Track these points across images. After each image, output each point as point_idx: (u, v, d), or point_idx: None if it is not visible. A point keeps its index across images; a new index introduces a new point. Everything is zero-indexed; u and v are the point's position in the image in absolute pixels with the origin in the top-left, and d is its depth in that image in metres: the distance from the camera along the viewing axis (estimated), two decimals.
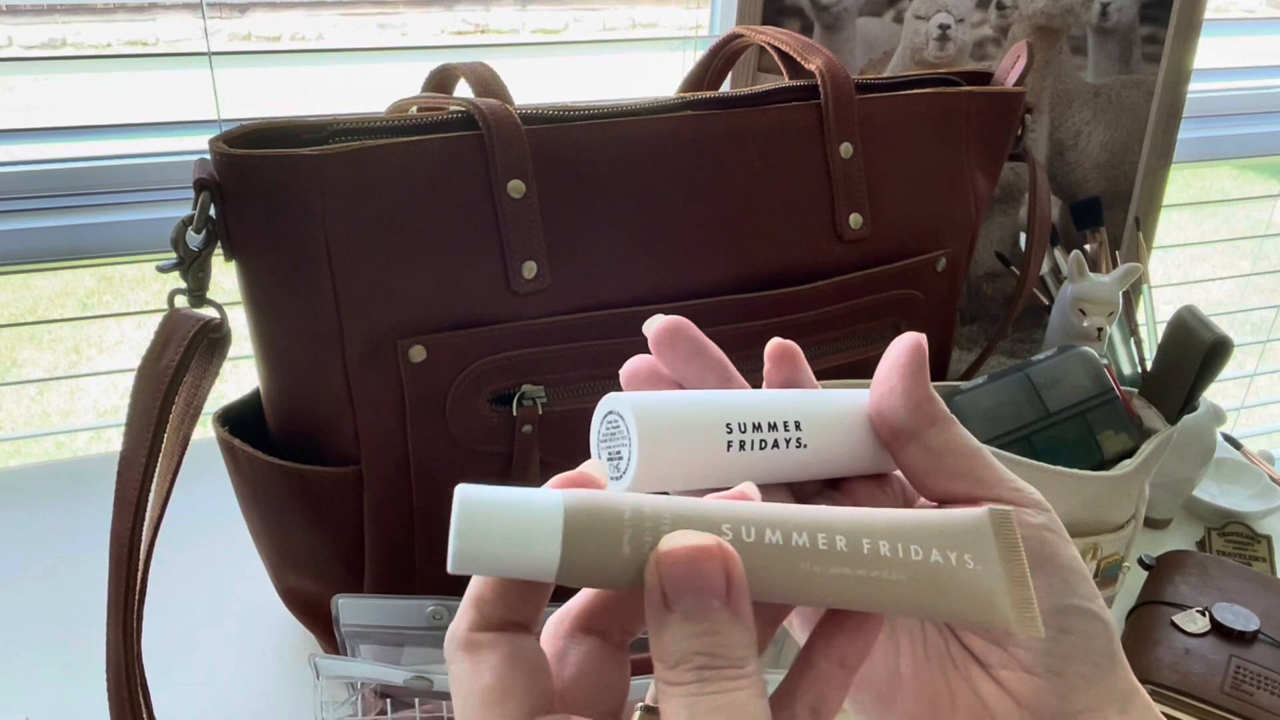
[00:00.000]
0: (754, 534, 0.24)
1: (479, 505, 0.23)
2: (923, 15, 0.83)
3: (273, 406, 0.55)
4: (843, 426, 0.31)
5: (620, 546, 0.23)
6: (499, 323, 0.53)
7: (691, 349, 0.31)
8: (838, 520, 0.25)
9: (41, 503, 0.78)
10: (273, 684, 0.63)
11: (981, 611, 0.25)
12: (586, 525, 0.23)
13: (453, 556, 0.23)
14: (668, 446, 0.28)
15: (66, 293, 2.76)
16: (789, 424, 0.30)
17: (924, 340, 0.30)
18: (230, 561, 0.69)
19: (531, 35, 2.57)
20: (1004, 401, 0.61)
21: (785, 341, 0.32)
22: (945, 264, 0.67)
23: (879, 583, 0.24)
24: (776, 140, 0.59)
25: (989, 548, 0.25)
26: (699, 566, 0.23)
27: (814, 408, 0.30)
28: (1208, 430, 0.78)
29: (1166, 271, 2.69)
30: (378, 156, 0.50)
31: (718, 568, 0.23)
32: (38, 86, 2.44)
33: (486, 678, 0.24)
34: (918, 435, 0.30)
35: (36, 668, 0.63)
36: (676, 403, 0.29)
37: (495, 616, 0.25)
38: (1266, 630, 0.62)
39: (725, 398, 0.30)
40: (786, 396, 0.31)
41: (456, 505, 0.23)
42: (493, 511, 0.23)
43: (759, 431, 0.29)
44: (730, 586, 0.23)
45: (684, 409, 0.29)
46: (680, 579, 0.22)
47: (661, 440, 0.28)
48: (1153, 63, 0.90)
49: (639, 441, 0.28)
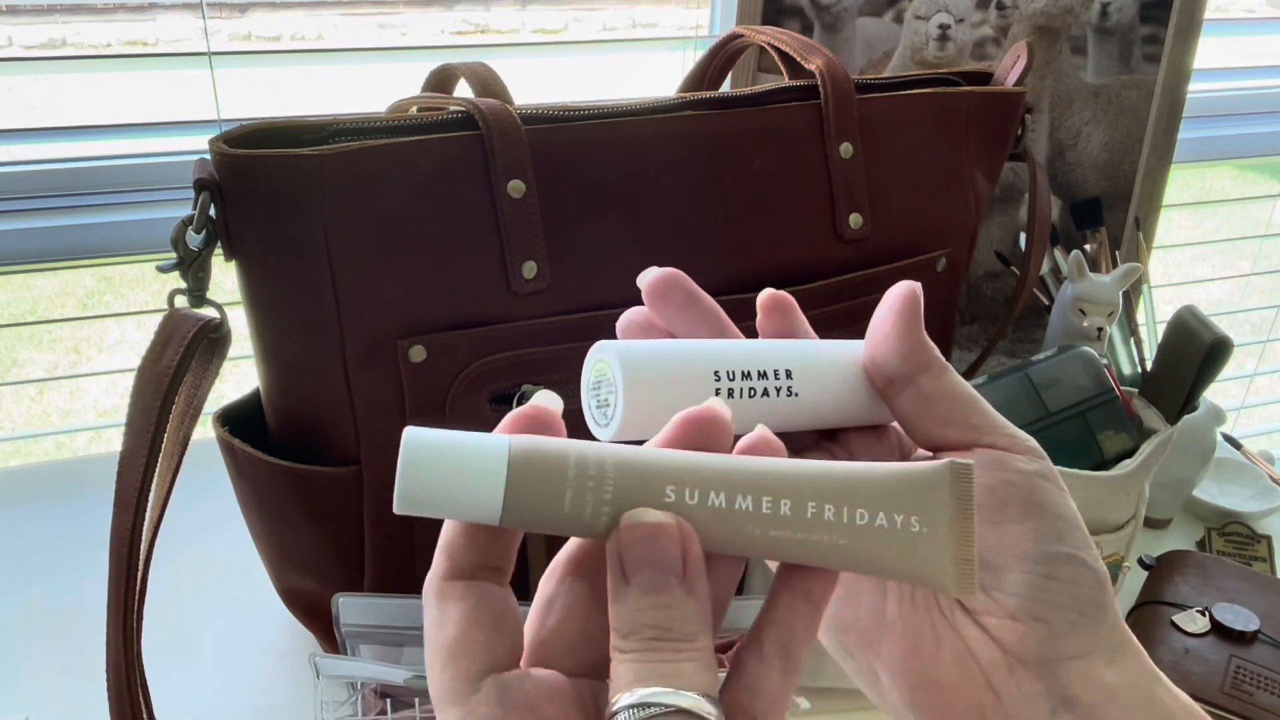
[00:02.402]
0: (697, 497, 0.24)
1: (425, 447, 0.23)
2: (923, 15, 0.83)
3: (273, 406, 0.55)
4: (836, 376, 0.31)
5: (563, 495, 0.24)
6: (499, 323, 0.53)
7: (684, 299, 0.31)
8: (787, 480, 0.25)
9: (41, 503, 0.78)
10: (273, 684, 0.63)
11: (920, 573, 0.25)
12: (530, 471, 0.23)
13: (397, 496, 0.23)
14: (654, 394, 0.28)
15: (66, 293, 2.76)
16: (780, 372, 0.30)
17: (918, 288, 0.30)
18: (230, 561, 0.69)
19: (531, 35, 2.57)
20: (1004, 401, 0.61)
21: (777, 291, 0.32)
22: (945, 264, 0.67)
23: (820, 545, 0.25)
24: (776, 140, 0.59)
25: (941, 505, 0.25)
26: (658, 544, 0.23)
27: (806, 357, 0.30)
28: (1208, 430, 0.78)
29: (1166, 271, 2.69)
30: (378, 156, 0.50)
31: (675, 546, 0.23)
32: (38, 86, 2.44)
33: (449, 630, 0.24)
34: (911, 381, 0.30)
35: (36, 668, 0.63)
36: (664, 350, 0.29)
37: (466, 563, 0.25)
38: (1266, 630, 0.62)
39: (714, 346, 0.30)
40: (778, 345, 0.30)
41: (403, 446, 0.23)
42: (438, 453, 0.23)
43: (748, 380, 0.29)
44: (687, 564, 0.23)
45: (671, 356, 0.29)
46: (640, 555, 0.23)
47: (647, 388, 0.28)
48: (1153, 63, 0.90)
49: (625, 389, 0.28)
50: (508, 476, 0.23)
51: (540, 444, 0.24)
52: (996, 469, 0.29)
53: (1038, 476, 0.29)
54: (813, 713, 0.54)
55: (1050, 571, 0.28)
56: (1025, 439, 0.30)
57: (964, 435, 0.29)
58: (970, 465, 0.25)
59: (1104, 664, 0.28)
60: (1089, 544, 0.29)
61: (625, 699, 0.22)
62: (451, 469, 0.23)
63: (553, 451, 0.24)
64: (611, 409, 0.28)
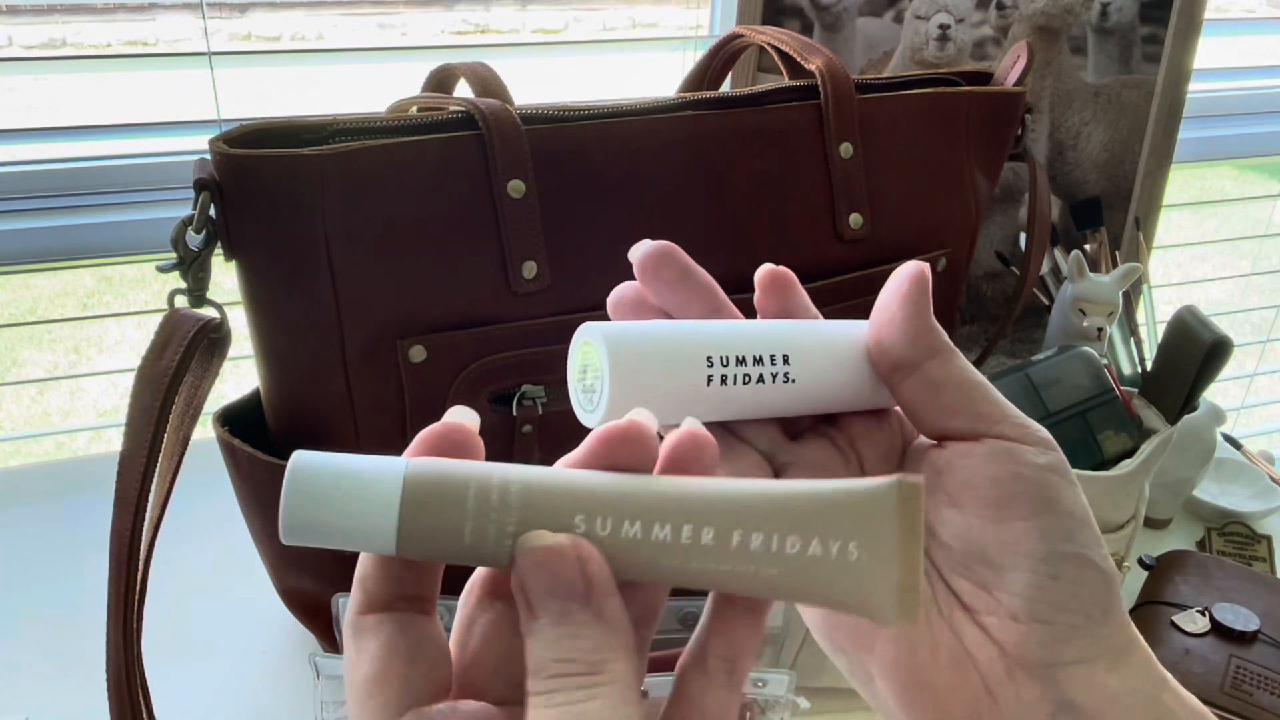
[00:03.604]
0: (609, 527, 0.22)
1: (314, 473, 0.22)
2: (923, 15, 0.83)
3: (273, 406, 0.55)
4: (836, 360, 0.29)
5: (463, 526, 0.22)
6: (499, 323, 0.53)
7: (677, 274, 0.29)
8: (711, 505, 0.22)
9: (41, 503, 0.78)
10: (273, 684, 0.63)
11: (857, 605, 0.23)
12: (426, 499, 0.22)
13: (282, 526, 0.21)
14: (642, 380, 0.26)
15: (66, 293, 2.76)
16: (776, 357, 0.28)
17: (926, 269, 0.29)
18: (230, 561, 0.69)
19: (531, 35, 2.58)
20: None
21: (777, 268, 0.30)
22: (945, 264, 0.67)
23: (747, 577, 0.22)
24: (776, 140, 0.59)
25: (885, 529, 0.22)
26: (552, 569, 0.21)
27: (805, 339, 0.29)
28: (1208, 430, 0.78)
29: (1166, 271, 2.69)
30: (378, 156, 0.50)
31: (572, 568, 0.22)
32: (38, 86, 2.44)
33: (365, 667, 0.23)
34: (918, 367, 0.28)
35: (36, 668, 0.63)
36: (654, 333, 0.27)
37: (381, 594, 0.23)
38: (1266, 630, 0.62)
39: (708, 328, 0.28)
40: (775, 327, 0.29)
41: (288, 472, 0.22)
42: (329, 480, 0.22)
43: (742, 365, 0.28)
44: (591, 587, 0.22)
45: (662, 340, 0.27)
46: (537, 584, 0.22)
47: (636, 373, 0.26)
48: (1153, 63, 0.90)
49: (611, 374, 0.26)
50: (401, 505, 0.21)
51: (441, 469, 0.22)
52: (1005, 461, 0.27)
53: (1049, 470, 0.27)
54: (812, 713, 0.54)
55: (1056, 571, 0.26)
56: (1036, 430, 0.28)
57: (971, 425, 0.28)
58: (920, 484, 0.23)
59: (1107, 669, 0.26)
60: (1098, 542, 0.27)
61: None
62: (342, 497, 0.22)
63: (452, 478, 0.22)
64: (598, 395, 0.27)
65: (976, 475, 0.28)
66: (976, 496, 0.28)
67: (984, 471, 0.28)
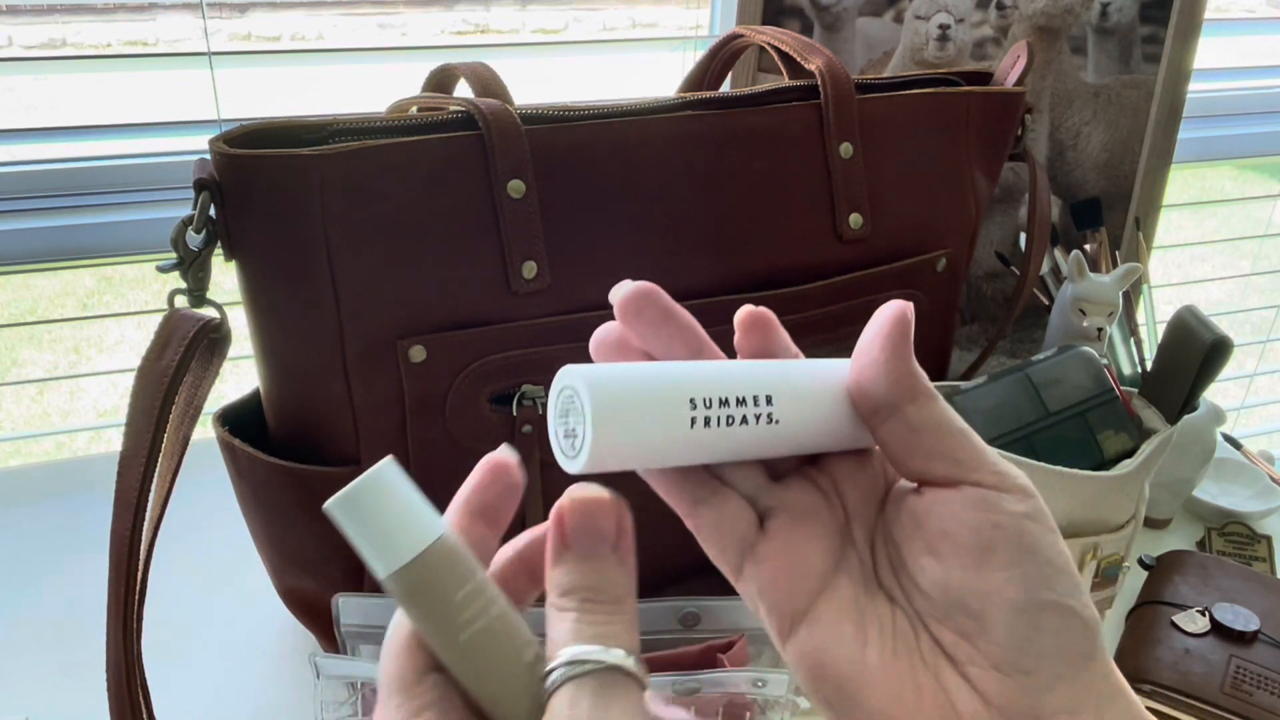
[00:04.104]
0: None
1: (389, 480, 0.25)
2: (923, 15, 0.83)
3: (273, 406, 0.55)
4: (820, 400, 0.29)
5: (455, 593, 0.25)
6: (499, 323, 0.53)
7: (659, 315, 0.30)
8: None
9: (41, 503, 0.78)
10: (273, 684, 0.63)
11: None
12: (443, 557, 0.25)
13: (339, 496, 0.25)
14: (624, 425, 0.27)
15: (66, 293, 2.76)
16: (759, 398, 0.28)
17: (909, 309, 0.29)
18: (230, 561, 0.69)
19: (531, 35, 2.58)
20: (1004, 401, 0.61)
21: (756, 308, 0.31)
22: (945, 264, 0.67)
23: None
24: (776, 140, 0.59)
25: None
26: (596, 515, 0.25)
27: (788, 380, 0.29)
28: (1208, 430, 0.78)
29: (1166, 271, 2.69)
30: (378, 156, 0.50)
31: (610, 519, 0.25)
32: (38, 86, 2.44)
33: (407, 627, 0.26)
34: (897, 410, 0.28)
35: (36, 668, 0.63)
36: (636, 376, 0.27)
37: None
38: (1266, 630, 0.62)
39: (690, 370, 0.28)
40: (758, 368, 0.29)
41: (376, 469, 0.25)
42: (394, 491, 0.25)
43: (726, 407, 0.28)
44: (619, 535, 0.26)
45: (644, 383, 0.27)
46: (579, 525, 0.25)
47: (618, 418, 0.26)
48: (1153, 63, 0.90)
49: (593, 419, 0.26)
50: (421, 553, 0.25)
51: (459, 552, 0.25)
52: (983, 509, 0.27)
53: (1027, 518, 0.27)
54: (812, 713, 0.54)
55: (1037, 621, 0.27)
56: (1015, 476, 0.28)
57: (949, 471, 0.28)
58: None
59: (1093, 717, 0.27)
60: (1078, 589, 0.27)
61: (562, 656, 0.24)
62: (393, 512, 0.25)
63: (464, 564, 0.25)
64: (580, 440, 0.27)
65: (954, 524, 0.28)
66: (955, 545, 0.28)
67: (962, 520, 0.28)
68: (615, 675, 0.24)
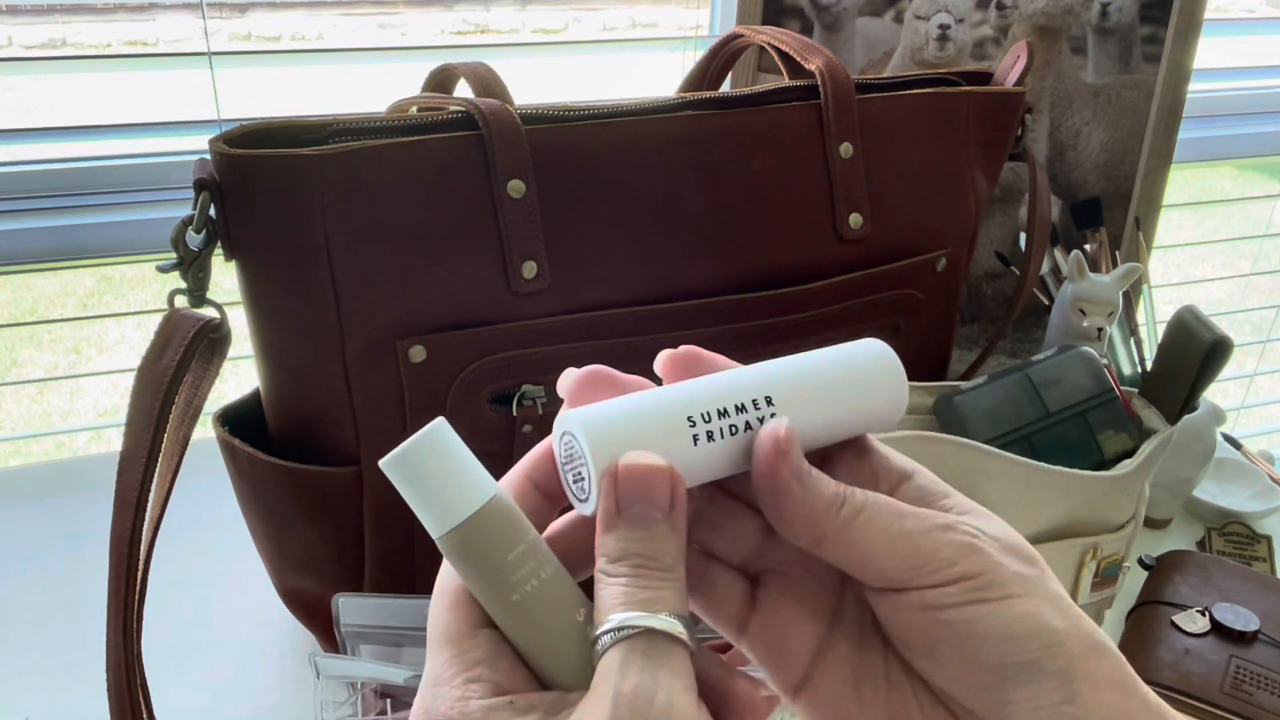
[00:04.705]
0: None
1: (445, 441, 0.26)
2: (923, 15, 0.83)
3: (273, 406, 0.55)
4: (819, 388, 0.29)
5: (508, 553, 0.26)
6: (499, 323, 0.53)
7: (614, 390, 0.29)
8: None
9: (41, 503, 0.78)
10: (273, 684, 0.63)
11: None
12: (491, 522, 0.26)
13: (395, 453, 0.25)
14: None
15: (66, 293, 2.76)
16: (759, 401, 0.28)
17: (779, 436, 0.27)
18: (230, 561, 0.69)
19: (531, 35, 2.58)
20: (1004, 401, 0.61)
21: (673, 351, 0.30)
22: (945, 264, 0.67)
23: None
24: (776, 140, 0.59)
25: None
26: (650, 482, 0.26)
27: (784, 376, 0.29)
28: (1208, 430, 0.78)
29: (1166, 271, 2.69)
30: (378, 156, 0.50)
31: (665, 487, 0.26)
32: (38, 86, 2.44)
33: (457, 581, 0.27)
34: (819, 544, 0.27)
35: (36, 668, 0.63)
36: (629, 410, 0.27)
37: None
38: (1266, 630, 0.62)
39: (682, 390, 0.28)
40: (750, 373, 0.29)
41: (430, 427, 0.25)
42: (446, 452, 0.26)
43: (726, 417, 0.27)
44: (674, 505, 0.26)
45: (638, 415, 0.27)
46: (633, 490, 0.25)
47: (617, 455, 0.26)
48: (1153, 63, 0.90)
49: (594, 461, 0.26)
50: (476, 511, 0.25)
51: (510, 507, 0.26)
52: (925, 610, 0.27)
53: (972, 604, 0.27)
54: None
55: (1003, 694, 0.26)
56: (950, 565, 0.27)
57: (886, 586, 0.27)
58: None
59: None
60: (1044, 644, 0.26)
61: (611, 621, 0.24)
62: (446, 472, 0.25)
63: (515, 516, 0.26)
64: (587, 484, 0.26)
65: (901, 628, 0.28)
66: (906, 645, 0.28)
67: (908, 624, 0.28)
68: (664, 640, 0.24)
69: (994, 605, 0.27)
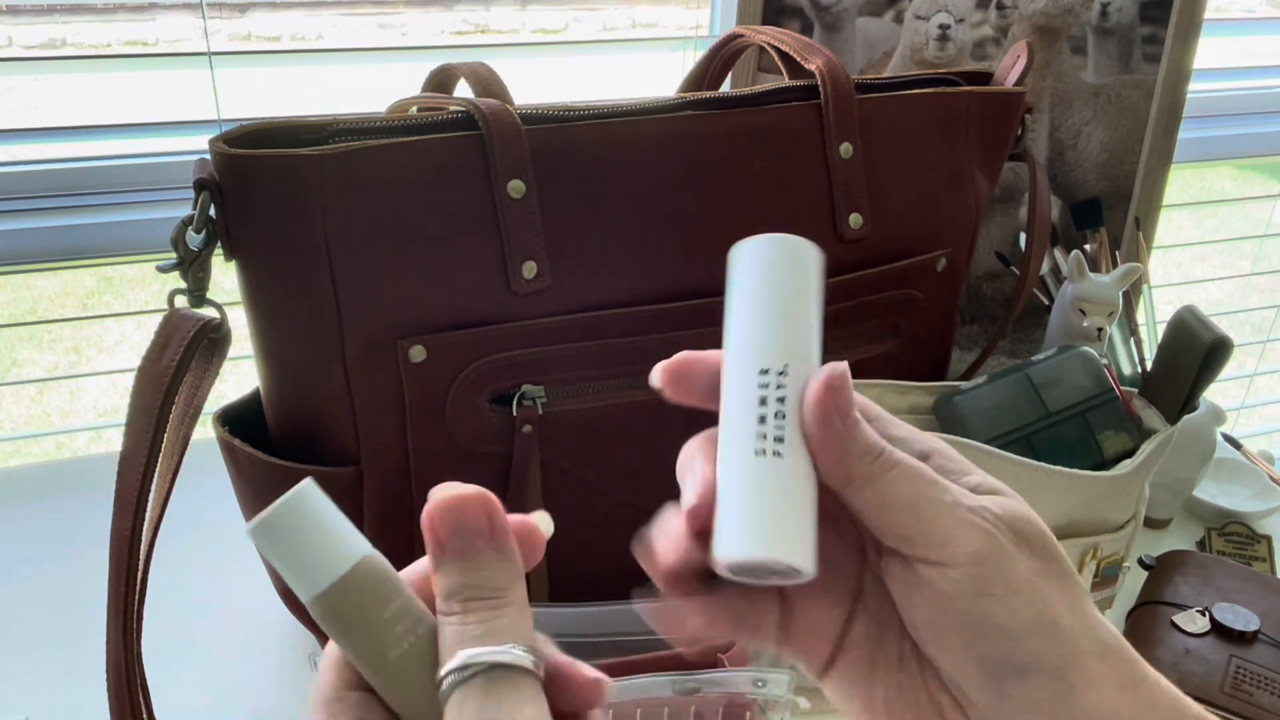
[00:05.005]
0: None
1: (313, 503, 0.25)
2: (923, 15, 0.83)
3: (273, 406, 0.55)
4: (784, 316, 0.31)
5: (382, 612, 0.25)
6: (499, 323, 0.53)
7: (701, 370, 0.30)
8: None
9: (41, 503, 0.78)
10: (273, 684, 0.63)
11: None
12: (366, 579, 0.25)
13: (259, 519, 0.24)
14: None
15: (66, 293, 2.76)
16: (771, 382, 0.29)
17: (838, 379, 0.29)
18: (230, 561, 0.69)
19: (531, 35, 2.58)
20: (1004, 401, 0.61)
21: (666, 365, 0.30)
22: (945, 264, 0.67)
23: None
24: (776, 140, 0.59)
25: None
26: (464, 514, 0.25)
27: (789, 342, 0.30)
28: (1208, 430, 0.78)
29: (1166, 271, 2.69)
30: (378, 156, 0.50)
31: (480, 513, 0.25)
32: (38, 86, 2.44)
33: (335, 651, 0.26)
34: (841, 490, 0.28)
35: (36, 668, 0.63)
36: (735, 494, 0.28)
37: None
38: (1266, 630, 0.62)
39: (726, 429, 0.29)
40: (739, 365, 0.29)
41: (298, 490, 0.25)
42: (314, 514, 0.25)
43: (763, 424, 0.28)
44: (493, 528, 0.25)
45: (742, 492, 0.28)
46: (449, 526, 0.25)
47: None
48: (1153, 63, 0.90)
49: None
50: (347, 573, 0.25)
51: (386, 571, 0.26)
52: (932, 591, 0.28)
53: (977, 595, 0.27)
54: (812, 713, 0.54)
55: (1001, 690, 0.27)
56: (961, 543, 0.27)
57: (901, 547, 0.28)
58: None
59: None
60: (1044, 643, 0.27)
61: (451, 664, 0.24)
62: (316, 534, 0.25)
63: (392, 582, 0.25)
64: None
65: (910, 608, 0.29)
66: (914, 626, 0.29)
67: (915, 603, 0.28)
68: (503, 672, 0.24)
69: (997, 600, 0.27)
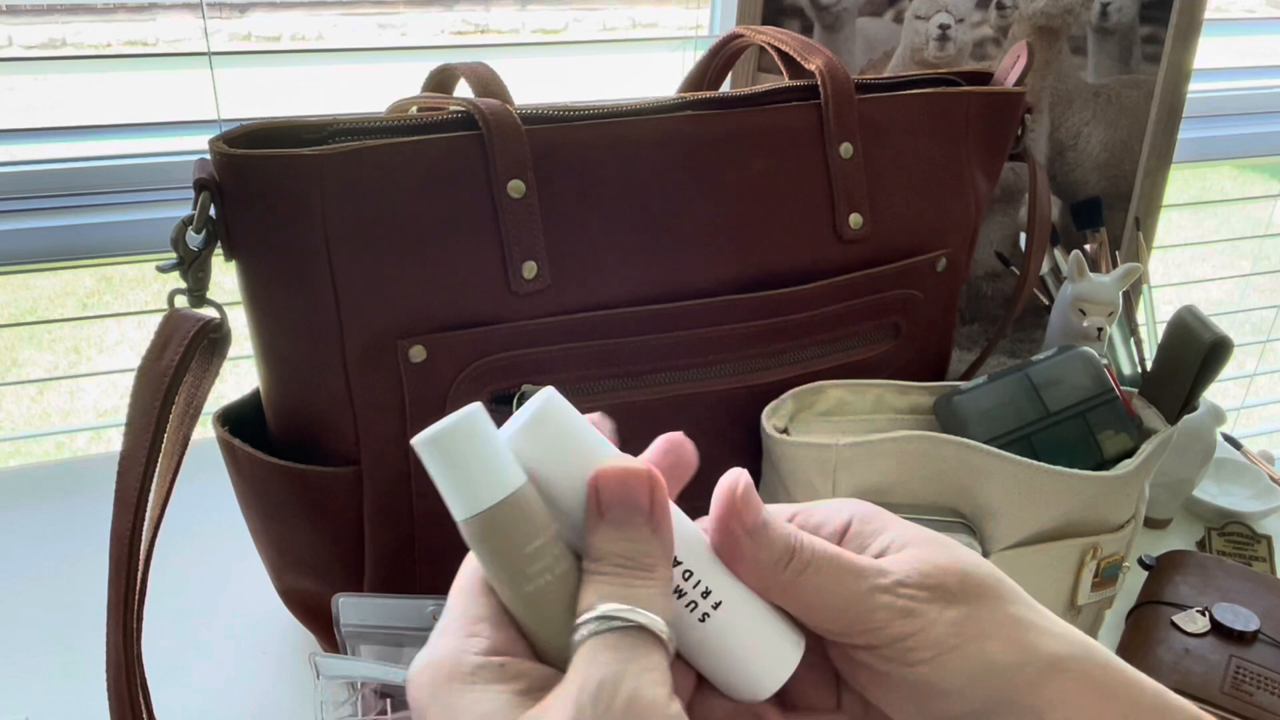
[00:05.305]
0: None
1: (479, 427, 0.26)
2: (923, 15, 0.83)
3: (273, 406, 0.55)
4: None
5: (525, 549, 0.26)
6: (499, 323, 0.53)
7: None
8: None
9: (41, 503, 0.78)
10: (273, 684, 0.63)
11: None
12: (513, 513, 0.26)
13: (430, 430, 0.26)
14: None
15: (66, 293, 2.76)
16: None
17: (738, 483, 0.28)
18: (230, 561, 0.69)
19: (531, 35, 2.58)
20: (1004, 401, 0.61)
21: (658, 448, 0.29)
22: (945, 264, 0.67)
23: None
24: (776, 140, 0.59)
25: None
26: (629, 485, 0.26)
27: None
28: (1208, 430, 0.78)
29: (1166, 271, 2.69)
30: (378, 156, 0.50)
31: (644, 489, 0.26)
32: (38, 86, 2.45)
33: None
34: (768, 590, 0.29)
35: (36, 668, 0.63)
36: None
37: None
38: (1266, 630, 0.62)
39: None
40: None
41: (465, 412, 0.26)
42: (478, 439, 0.26)
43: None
44: (653, 507, 0.26)
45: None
46: (612, 493, 0.26)
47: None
48: (1153, 63, 0.90)
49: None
50: (503, 498, 0.26)
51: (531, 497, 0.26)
52: (865, 669, 0.28)
53: (906, 667, 0.27)
54: None
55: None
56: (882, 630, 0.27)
57: (830, 638, 0.29)
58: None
59: None
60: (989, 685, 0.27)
61: (592, 612, 0.25)
62: (476, 458, 0.26)
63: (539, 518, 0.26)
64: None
65: (861, 688, 0.29)
66: (878, 702, 0.29)
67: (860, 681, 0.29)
68: (638, 634, 0.24)
69: (928, 665, 0.27)
